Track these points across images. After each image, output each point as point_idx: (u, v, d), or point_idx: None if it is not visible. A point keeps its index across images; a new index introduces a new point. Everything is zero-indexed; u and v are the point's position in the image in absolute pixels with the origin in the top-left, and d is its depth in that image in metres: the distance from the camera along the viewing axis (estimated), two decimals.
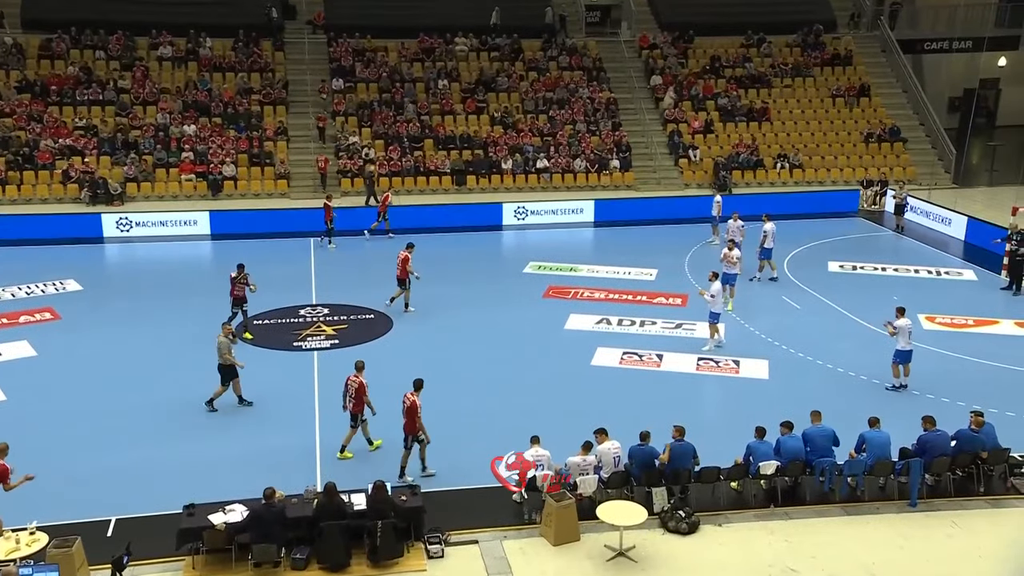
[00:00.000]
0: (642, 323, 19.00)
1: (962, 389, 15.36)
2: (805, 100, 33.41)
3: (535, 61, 34.06)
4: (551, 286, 21.51)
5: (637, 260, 23.41)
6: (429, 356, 17.22)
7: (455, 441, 14.10)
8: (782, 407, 13.61)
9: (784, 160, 30.99)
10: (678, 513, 11.74)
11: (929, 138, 32.76)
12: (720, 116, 32.58)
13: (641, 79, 33.93)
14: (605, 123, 32.02)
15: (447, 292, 21.02)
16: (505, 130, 31.54)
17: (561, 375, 16.56)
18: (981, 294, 20.70)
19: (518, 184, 30.11)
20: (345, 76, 32.53)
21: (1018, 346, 17.53)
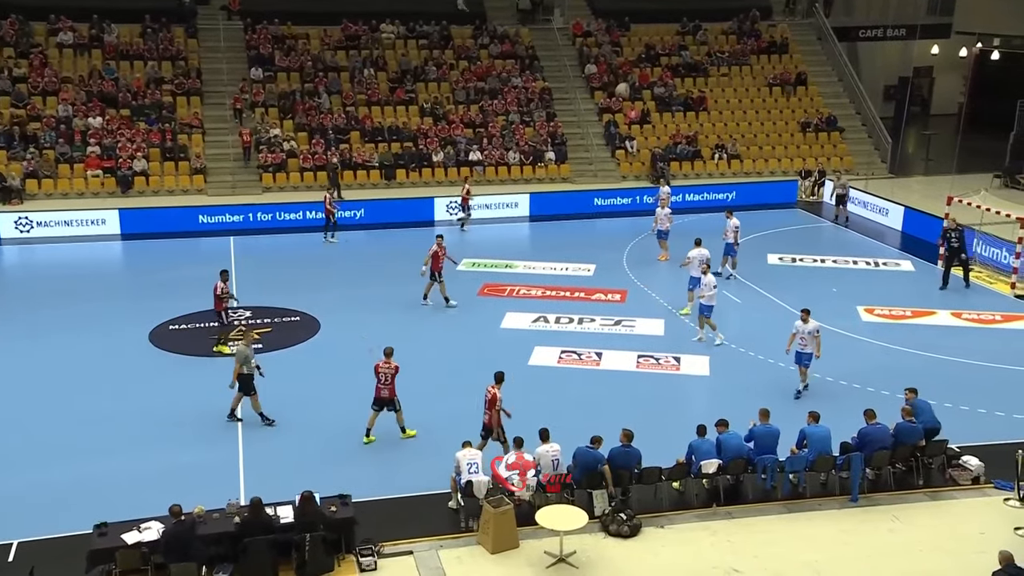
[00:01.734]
0: (580, 320, 19.15)
1: (901, 381, 15.75)
2: (742, 89, 34.09)
3: (465, 49, 34.00)
4: (486, 284, 21.52)
5: (575, 255, 23.58)
6: (358, 359, 17.02)
7: (388, 448, 14.02)
8: (724, 404, 13.88)
9: (722, 151, 31.57)
10: (619, 516, 11.86)
11: (865, 127, 33.76)
12: (657, 106, 33.01)
13: (575, 68, 34.16)
14: (539, 113, 32.16)
15: (377, 292, 20.87)
16: (435, 121, 31.43)
17: None
18: (918, 285, 21.41)
19: (450, 177, 30.03)
20: (264, 65, 31.98)
21: (955, 336, 18.19)
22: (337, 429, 14.60)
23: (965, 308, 19.61)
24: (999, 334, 18.46)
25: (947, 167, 30.31)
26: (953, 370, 16.54)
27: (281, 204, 27.04)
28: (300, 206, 26.91)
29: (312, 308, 19.67)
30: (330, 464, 13.46)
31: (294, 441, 14.26)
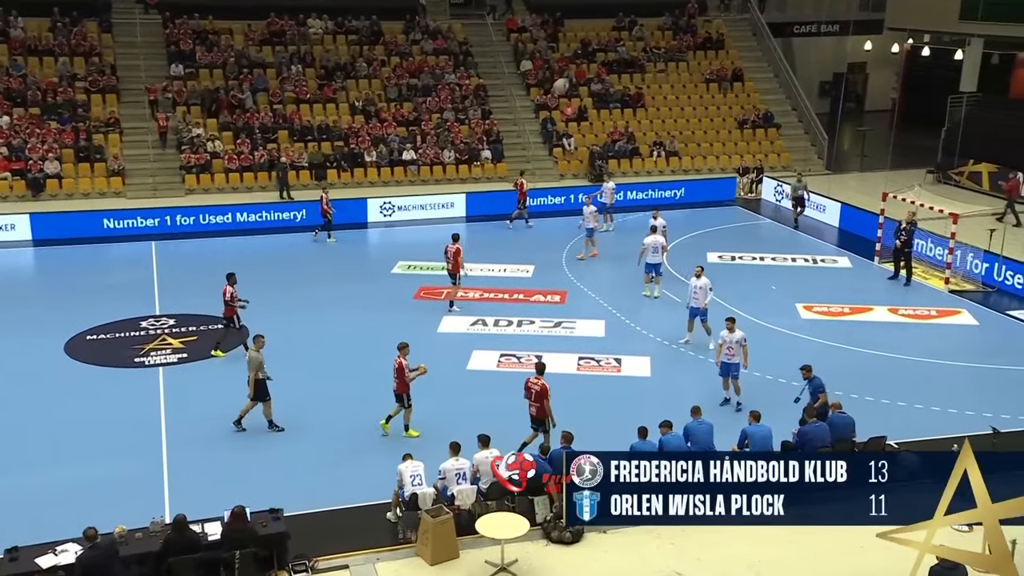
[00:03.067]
0: (520, 323, 19.22)
1: (840, 378, 16.24)
2: (679, 85, 34.62)
3: (397, 45, 33.86)
4: (422, 287, 21.46)
5: (513, 256, 23.65)
6: (291, 367, 16.84)
7: (323, 458, 13.89)
8: (665, 405, 14.06)
9: (660, 148, 32.02)
10: (561, 522, 11.93)
11: (802, 124, 34.59)
12: (594, 103, 33.33)
13: (511, 64, 34.28)
14: (475, 111, 32.19)
15: (309, 296, 20.66)
16: (367, 119, 31.23)
17: (436, 381, 16.49)
18: (856, 281, 22.00)
19: (383, 178, 29.88)
20: (185, 61, 31.38)
21: (892, 332, 18.74)
22: (268, 440, 14.40)
23: (901, 304, 20.21)
24: (934, 329, 19.08)
25: (882, 163, 31.24)
26: (890, 366, 17.03)
27: (205, 207, 26.55)
28: (226, 208, 26.48)
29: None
30: (261, 476, 13.28)
31: (223, 453, 14.02)
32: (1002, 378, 16.69)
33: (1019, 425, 14.49)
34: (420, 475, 12.02)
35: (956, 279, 21.24)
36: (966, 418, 14.57)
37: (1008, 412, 14.84)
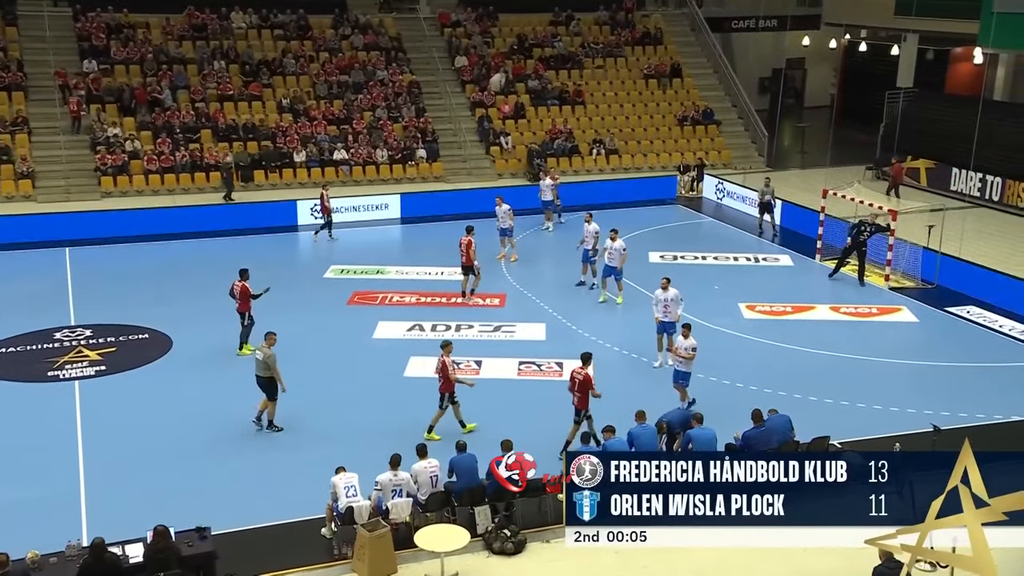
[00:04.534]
0: (458, 328, 19.19)
1: (784, 378, 16.62)
2: (618, 82, 34.97)
3: (325, 40, 33.56)
4: (356, 292, 21.30)
5: (450, 259, 23.50)
6: (216, 378, 16.60)
7: (252, 473, 13.68)
8: (609, 409, 14.17)
9: (600, 145, 32.29)
10: (503, 532, 11.96)
11: (742, 120, 35.23)
12: (531, 99, 33.47)
13: (445, 60, 34.24)
14: (408, 109, 32.07)
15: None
16: (295, 118, 30.89)
17: (371, 389, 16.46)
18: (798, 279, 22.47)
19: (313, 178, 29.59)
20: (98, 57, 30.66)
21: (834, 331, 19.16)
22: (194, 454, 14.15)
23: (843, 302, 20.71)
24: (875, 327, 19.59)
25: (822, 160, 32.02)
26: (833, 365, 17.43)
27: (123, 211, 25.96)
28: (145, 212, 25.92)
29: (162, 323, 18.98)
30: (187, 493, 13.02)
31: (146, 471, 13.72)
32: (942, 375, 17.21)
33: (959, 422, 14.94)
34: (355, 487, 11.92)
35: (896, 276, 21.83)
36: (908, 416, 14.99)
37: (948, 409, 15.30)
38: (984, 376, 17.09)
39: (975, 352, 18.04)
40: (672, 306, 16.92)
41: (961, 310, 20.07)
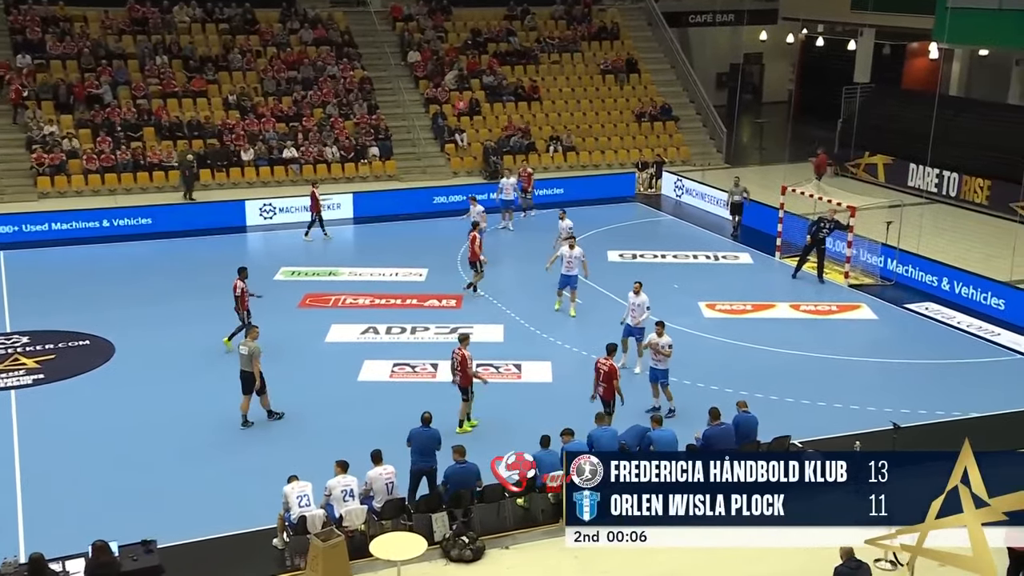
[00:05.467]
0: (413, 330, 19.14)
1: (745, 378, 16.79)
2: (574, 77, 35.09)
3: (272, 35, 33.27)
4: (308, 294, 21.14)
5: (405, 259, 23.54)
6: (161, 385, 16.36)
7: (200, 482, 13.51)
8: (568, 412, 14.23)
9: (557, 143, 32.39)
10: (461, 539, 11.95)
11: (700, 116, 35.53)
12: (486, 96, 33.46)
13: (397, 55, 34.11)
14: (360, 105, 31.89)
15: (182, 308, 20.08)
16: (243, 115, 30.56)
17: (325, 394, 16.36)
18: (757, 277, 22.73)
19: (262, 177, 29.32)
20: (33, 51, 30.08)
21: (794, 329, 19.42)
22: (138, 464, 13.95)
23: (803, 300, 20.99)
24: (835, 325, 19.89)
25: (780, 156, 32.38)
26: (794, 363, 17.67)
27: (61, 212, 25.49)
28: (85, 214, 25.48)
29: (104, 329, 18.68)
30: (131, 506, 12.83)
31: (87, 482, 13.49)
32: (901, 372, 17.53)
33: (919, 419, 15.24)
34: (308, 496, 11.83)
35: (856, 273, 22.19)
36: (868, 414, 15.24)
37: (907, 407, 15.59)
38: (943, 373, 17.43)
39: (934, 349, 18.40)
40: (636, 312, 16.90)
41: (920, 307, 20.46)
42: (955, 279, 20.76)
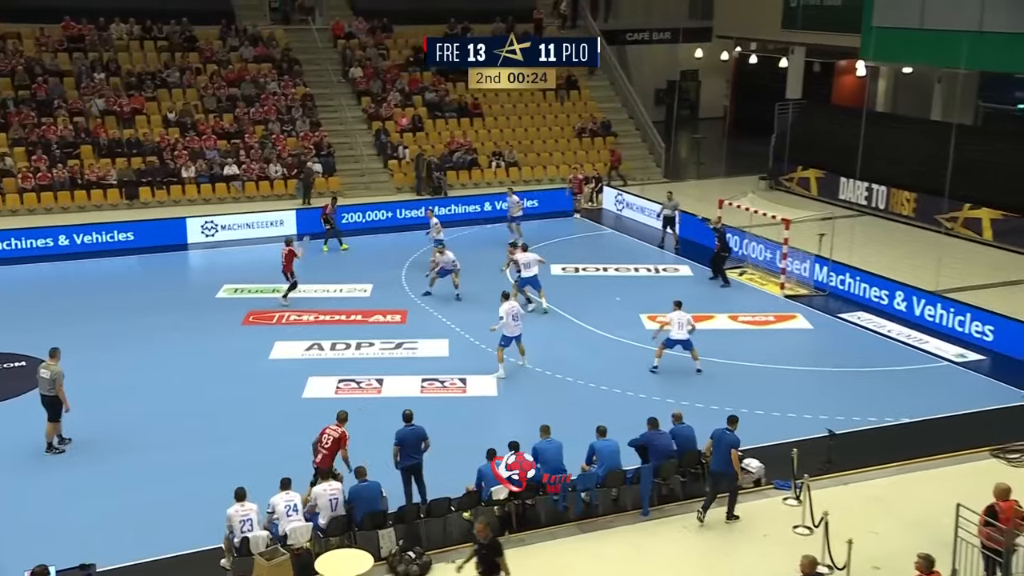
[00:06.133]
0: (358, 346, 19.02)
1: (684, 387, 17.01)
2: (516, 93, 35.24)
3: (212, 52, 32.90)
4: (251, 311, 20.90)
5: (349, 275, 23.41)
6: (104, 407, 16.00)
7: (143, 503, 13.24)
8: (514, 425, 14.26)
9: (499, 158, 32.50)
10: (407, 555, 11.87)
11: (639, 132, 35.97)
12: (429, 112, 33.47)
13: (339, 72, 33.97)
14: (302, 122, 31.68)
15: (122, 328, 19.69)
16: (183, 132, 30.15)
17: (269, 412, 16.16)
18: (697, 289, 22.98)
19: (203, 195, 28.93)
20: None
21: (733, 340, 19.67)
22: (80, 486, 13.63)
23: (741, 311, 21.31)
24: (772, 335, 20.22)
25: (717, 170, 32.95)
26: (732, 373, 17.91)
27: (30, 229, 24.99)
28: (21, 233, 24.90)
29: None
30: (70, 528, 12.52)
31: (22, 504, 13.14)
32: (836, 380, 17.88)
33: (853, 426, 15.57)
34: (252, 519, 11.64)
35: (791, 284, 22.61)
36: (804, 422, 15.50)
37: (842, 413, 15.91)
38: (875, 380, 17.83)
39: (866, 357, 18.80)
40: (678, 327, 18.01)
41: (852, 316, 20.90)
42: (885, 289, 21.26)
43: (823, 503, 12.28)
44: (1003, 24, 25.35)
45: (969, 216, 26.51)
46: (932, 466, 14.40)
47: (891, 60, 31.26)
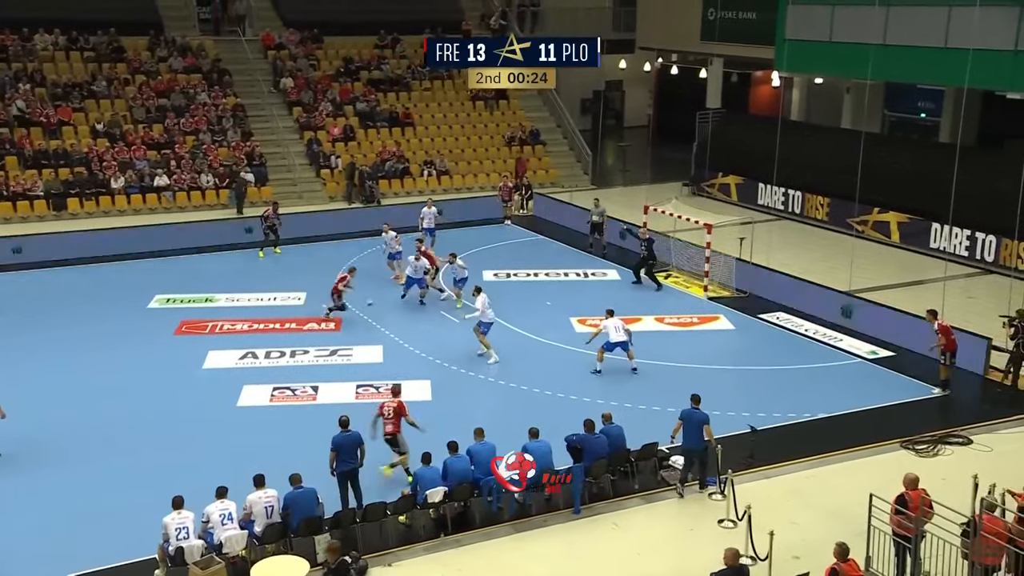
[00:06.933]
0: (293, 353, 18.82)
1: (614, 388, 17.21)
2: (446, 103, 35.29)
3: (141, 62, 32.21)
4: (184, 321, 20.52)
5: (283, 284, 23.14)
6: (31, 419, 15.53)
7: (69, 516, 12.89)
8: (449, 428, 14.25)
9: (431, 167, 32.45)
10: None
11: (567, 140, 36.28)
12: (360, 122, 33.26)
13: (270, 83, 33.56)
14: (234, 132, 31.19)
15: (52, 338, 19.17)
16: (112, 143, 29.44)
17: (203, 422, 15.89)
18: (625, 293, 23.25)
19: (134, 205, 28.29)
20: None
21: (659, 341, 19.90)
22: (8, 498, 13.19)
23: (666, 313, 21.63)
24: (697, 336, 20.56)
25: (643, 177, 33.37)
26: (659, 374, 18.16)
27: None
28: None
29: None
30: None
31: None
32: (756, 378, 18.28)
33: (773, 422, 15.94)
34: (187, 528, 11.43)
35: (714, 286, 23.02)
36: (728, 419, 15.79)
37: (763, 410, 16.27)
38: (793, 377, 18.27)
39: (785, 355, 19.24)
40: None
41: (772, 316, 21.36)
42: (802, 290, 21.78)
43: (746, 497, 12.53)
44: (906, 37, 26.24)
45: (878, 219, 27.36)
46: (847, 458, 14.81)
47: (803, 71, 32.08)
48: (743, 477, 13.74)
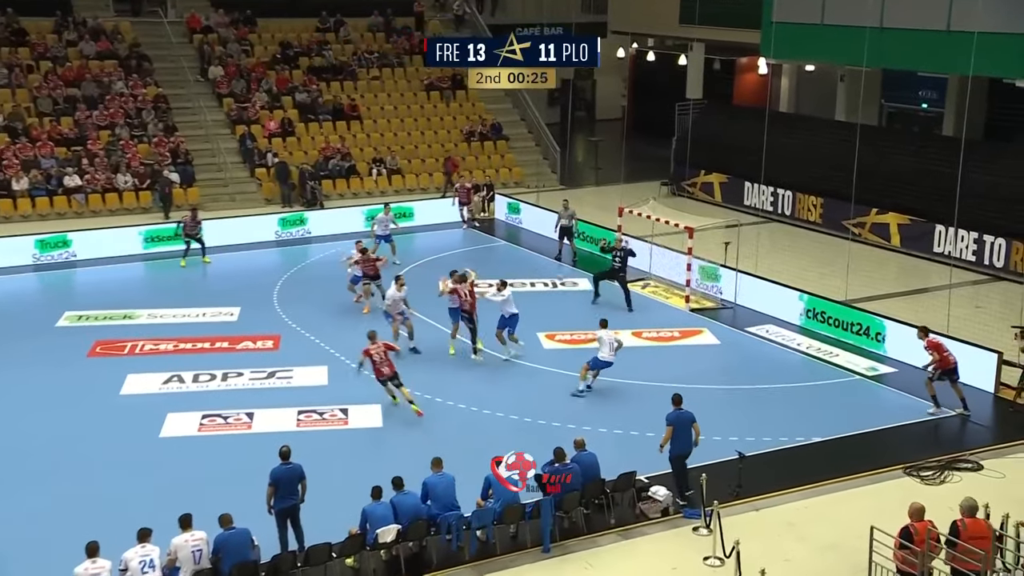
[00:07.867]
0: (225, 376, 18.68)
1: (587, 412, 17.25)
2: (397, 94, 35.33)
3: (46, 47, 31.87)
4: (98, 341, 20.30)
5: (213, 298, 22.99)
6: None
7: None
8: (401, 458, 14.21)
9: (380, 165, 32.42)
10: None
11: (532, 134, 36.45)
12: (300, 115, 33.16)
13: (196, 71, 33.36)
14: (155, 126, 30.96)
15: None
16: (14, 138, 29.08)
17: (122, 454, 15.70)
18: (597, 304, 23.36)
19: (39, 210, 27.97)
20: None
21: (638, 357, 19.93)
22: None
23: (645, 327, 21.75)
24: (679, 351, 20.70)
25: (617, 176, 33.57)
26: (638, 394, 18.24)
27: None
28: None
29: None
30: None
31: None
32: (744, 398, 18.42)
33: (763, 447, 16.05)
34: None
35: (696, 297, 23.20)
36: (713, 444, 15.86)
37: (752, 434, 16.38)
38: (785, 397, 18.45)
39: (774, 373, 19.41)
40: None
41: (760, 329, 21.57)
42: (792, 299, 22.00)
43: (734, 531, 12.62)
44: (905, 20, 26.66)
45: (876, 221, 27.78)
46: (845, 487, 14.96)
47: (792, 57, 32.53)
48: (730, 509, 13.84)
